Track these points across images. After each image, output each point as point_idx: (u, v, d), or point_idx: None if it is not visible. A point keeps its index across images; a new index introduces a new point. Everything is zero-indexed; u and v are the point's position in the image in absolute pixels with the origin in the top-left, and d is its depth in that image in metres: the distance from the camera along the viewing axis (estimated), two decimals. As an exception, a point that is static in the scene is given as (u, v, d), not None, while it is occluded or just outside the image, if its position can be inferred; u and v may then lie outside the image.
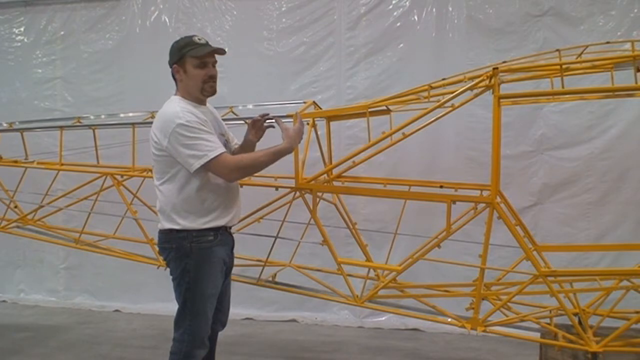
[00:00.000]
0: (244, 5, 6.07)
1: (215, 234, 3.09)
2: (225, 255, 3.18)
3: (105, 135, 4.78)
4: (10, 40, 6.65)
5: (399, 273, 3.81)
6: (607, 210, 5.25)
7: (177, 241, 3.05)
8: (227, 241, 3.22)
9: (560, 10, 5.33)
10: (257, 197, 4.28)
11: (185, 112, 2.97)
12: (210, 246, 3.07)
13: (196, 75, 3.08)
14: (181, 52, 3.09)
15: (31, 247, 6.33)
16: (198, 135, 2.93)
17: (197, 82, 3.09)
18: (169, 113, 3.00)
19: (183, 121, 2.92)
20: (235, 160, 3.01)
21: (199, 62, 3.08)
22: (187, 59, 3.07)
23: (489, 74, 3.45)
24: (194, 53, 3.07)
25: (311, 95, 5.48)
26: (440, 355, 4.91)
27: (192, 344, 3.09)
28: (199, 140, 2.93)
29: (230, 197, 3.17)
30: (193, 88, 3.11)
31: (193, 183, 3.01)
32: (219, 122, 3.31)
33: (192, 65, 3.08)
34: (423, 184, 4.12)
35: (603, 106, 5.17)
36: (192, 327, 3.08)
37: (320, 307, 5.75)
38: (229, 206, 3.15)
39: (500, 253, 4.33)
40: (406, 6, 5.66)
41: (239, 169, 3.03)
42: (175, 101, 3.08)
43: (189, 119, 2.93)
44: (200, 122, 2.96)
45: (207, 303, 3.10)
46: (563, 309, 3.53)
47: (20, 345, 5.11)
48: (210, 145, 2.95)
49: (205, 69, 3.09)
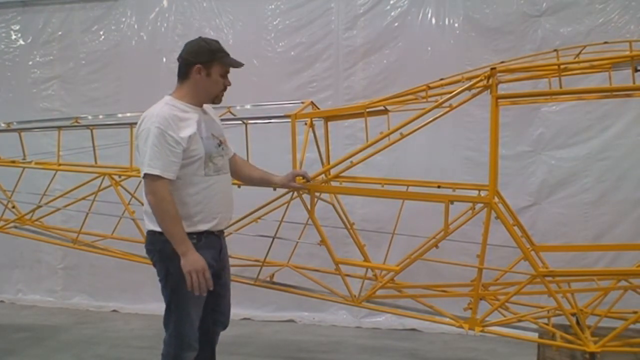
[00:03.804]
0: (242, 6, 6.06)
1: (199, 237, 3.04)
2: (211, 258, 3.09)
3: (103, 135, 4.77)
4: (7, 41, 6.65)
5: (397, 273, 3.81)
6: (605, 211, 5.24)
7: (160, 244, 3.00)
8: (214, 244, 3.15)
9: (558, 10, 5.33)
10: (255, 198, 4.28)
11: (161, 118, 2.91)
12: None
13: (218, 83, 3.09)
14: (214, 55, 3.06)
15: (29, 247, 6.31)
16: (157, 145, 2.88)
17: (217, 90, 3.10)
18: (147, 115, 2.98)
19: (152, 126, 2.89)
20: (159, 195, 2.88)
21: (224, 71, 3.10)
22: (217, 64, 3.06)
23: (487, 74, 3.44)
24: (227, 61, 3.08)
25: (309, 95, 5.47)
26: (438, 355, 4.91)
27: (179, 347, 3.08)
28: (154, 150, 2.88)
29: (215, 202, 3.09)
30: (208, 93, 3.10)
31: (173, 186, 2.96)
32: (215, 124, 3.23)
33: (219, 72, 3.07)
34: (421, 184, 4.12)
35: (601, 106, 5.17)
36: (178, 329, 3.07)
37: (318, 307, 5.74)
38: (213, 211, 3.08)
39: (498, 253, 4.32)
40: (404, 6, 5.66)
41: (154, 204, 2.91)
42: (162, 103, 3.04)
43: (160, 126, 2.89)
44: (166, 133, 2.88)
45: (192, 306, 3.06)
46: (561, 309, 3.53)
47: (18, 346, 5.10)
48: (159, 163, 2.87)
49: (225, 79, 3.12)
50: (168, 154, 2.90)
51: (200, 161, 3.02)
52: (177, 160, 2.93)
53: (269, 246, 4.21)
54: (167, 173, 2.90)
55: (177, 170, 2.95)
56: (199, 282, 2.91)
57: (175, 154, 2.92)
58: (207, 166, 3.05)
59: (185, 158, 2.97)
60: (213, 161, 3.08)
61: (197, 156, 3.00)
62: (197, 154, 3.00)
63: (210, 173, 3.07)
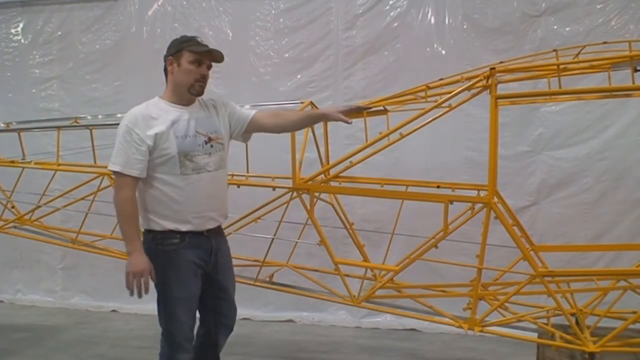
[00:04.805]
0: (241, 6, 6.06)
1: (182, 236, 3.01)
2: (197, 258, 3.06)
3: (103, 135, 4.75)
4: (7, 41, 6.65)
5: (397, 273, 3.81)
6: (605, 211, 5.24)
7: (145, 242, 3.01)
8: (201, 244, 3.09)
9: (557, 10, 5.33)
10: (255, 198, 4.28)
11: (132, 116, 2.96)
12: (176, 249, 2.99)
13: (189, 71, 3.03)
14: (180, 45, 3.06)
15: (28, 247, 6.30)
16: (122, 143, 2.93)
17: (189, 78, 3.03)
18: (129, 112, 3.02)
19: (123, 124, 2.95)
20: (119, 192, 2.97)
21: (195, 58, 3.03)
22: (185, 52, 3.04)
23: (487, 74, 3.45)
24: (193, 48, 3.04)
25: (308, 95, 5.46)
26: (437, 355, 4.91)
27: (171, 348, 3.07)
28: (119, 147, 2.94)
29: (197, 201, 3.03)
30: (182, 83, 3.04)
31: (150, 182, 2.99)
32: (209, 121, 3.14)
33: (187, 60, 3.03)
34: (420, 184, 4.12)
35: (600, 106, 5.17)
36: (168, 330, 3.07)
37: (317, 307, 5.74)
38: (194, 210, 3.02)
39: (497, 253, 4.32)
40: (403, 6, 5.66)
41: (114, 199, 3.00)
42: (144, 103, 3.07)
43: (128, 124, 2.93)
44: (132, 131, 2.92)
45: (179, 306, 3.03)
46: (560, 309, 3.53)
47: (18, 346, 5.10)
48: (120, 160, 2.93)
49: (200, 67, 3.05)
50: (133, 151, 2.92)
51: (174, 160, 2.97)
52: (142, 158, 2.93)
53: (269, 246, 4.22)
54: (128, 170, 2.92)
55: (144, 168, 2.95)
56: (136, 284, 2.90)
57: (140, 151, 2.92)
58: (183, 165, 2.98)
59: (157, 157, 2.96)
60: (192, 160, 3.00)
61: (169, 155, 2.96)
62: (169, 153, 2.96)
63: (187, 172, 2.99)
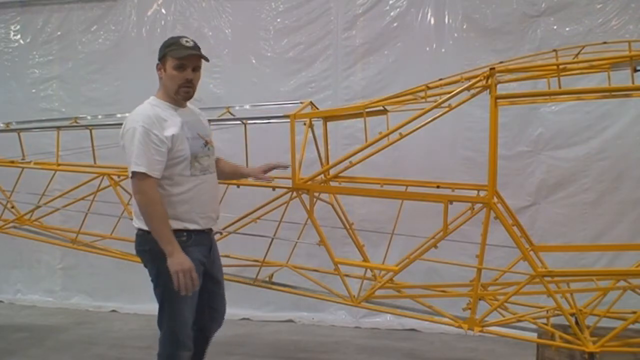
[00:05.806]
0: (241, 6, 6.05)
1: (189, 234, 3.05)
2: (202, 256, 3.12)
3: (102, 135, 4.76)
4: (6, 41, 6.64)
5: (396, 273, 3.81)
6: (604, 211, 5.23)
7: (150, 243, 3.00)
8: (204, 242, 3.17)
9: (557, 10, 5.32)
10: (254, 198, 4.28)
11: (145, 117, 2.95)
12: (183, 247, 3.00)
13: (173, 77, 3.03)
14: (164, 50, 3.06)
15: (28, 247, 6.29)
16: (142, 144, 2.90)
17: (173, 84, 3.05)
18: (132, 114, 3.01)
19: (137, 125, 2.92)
20: (147, 194, 2.91)
21: (177, 64, 3.02)
22: (168, 58, 3.04)
23: (486, 74, 3.45)
24: (174, 54, 3.02)
25: (308, 95, 5.47)
26: (437, 355, 4.91)
27: (174, 346, 3.09)
28: (140, 148, 2.90)
29: (203, 201, 3.11)
30: (169, 89, 3.07)
31: (159, 186, 2.98)
32: (201, 124, 3.23)
33: (171, 65, 3.03)
34: (420, 184, 4.12)
35: (600, 106, 5.16)
36: (172, 328, 3.08)
37: (317, 307, 5.74)
38: (201, 210, 3.09)
39: (497, 253, 4.34)
40: (403, 6, 5.65)
41: (142, 203, 2.94)
42: (145, 103, 3.08)
43: (144, 125, 2.92)
44: (151, 132, 2.91)
45: (184, 305, 3.06)
46: (560, 309, 3.53)
47: (17, 346, 5.10)
48: (144, 161, 2.89)
49: (184, 72, 3.04)
50: (153, 152, 2.92)
51: (187, 161, 3.02)
52: (161, 159, 2.95)
53: (268, 246, 4.21)
54: (152, 171, 2.92)
55: (162, 170, 2.96)
56: (185, 283, 2.91)
57: (160, 152, 2.94)
58: (192, 166, 3.05)
59: (171, 158, 2.98)
60: (199, 161, 3.08)
61: (183, 156, 3.01)
62: (183, 155, 3.01)
63: (196, 173, 3.07)
